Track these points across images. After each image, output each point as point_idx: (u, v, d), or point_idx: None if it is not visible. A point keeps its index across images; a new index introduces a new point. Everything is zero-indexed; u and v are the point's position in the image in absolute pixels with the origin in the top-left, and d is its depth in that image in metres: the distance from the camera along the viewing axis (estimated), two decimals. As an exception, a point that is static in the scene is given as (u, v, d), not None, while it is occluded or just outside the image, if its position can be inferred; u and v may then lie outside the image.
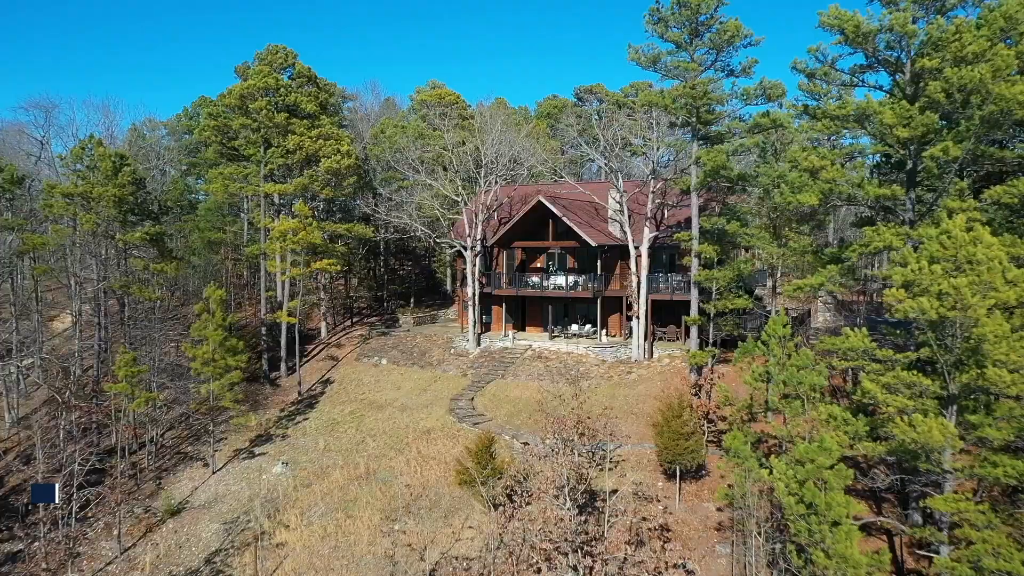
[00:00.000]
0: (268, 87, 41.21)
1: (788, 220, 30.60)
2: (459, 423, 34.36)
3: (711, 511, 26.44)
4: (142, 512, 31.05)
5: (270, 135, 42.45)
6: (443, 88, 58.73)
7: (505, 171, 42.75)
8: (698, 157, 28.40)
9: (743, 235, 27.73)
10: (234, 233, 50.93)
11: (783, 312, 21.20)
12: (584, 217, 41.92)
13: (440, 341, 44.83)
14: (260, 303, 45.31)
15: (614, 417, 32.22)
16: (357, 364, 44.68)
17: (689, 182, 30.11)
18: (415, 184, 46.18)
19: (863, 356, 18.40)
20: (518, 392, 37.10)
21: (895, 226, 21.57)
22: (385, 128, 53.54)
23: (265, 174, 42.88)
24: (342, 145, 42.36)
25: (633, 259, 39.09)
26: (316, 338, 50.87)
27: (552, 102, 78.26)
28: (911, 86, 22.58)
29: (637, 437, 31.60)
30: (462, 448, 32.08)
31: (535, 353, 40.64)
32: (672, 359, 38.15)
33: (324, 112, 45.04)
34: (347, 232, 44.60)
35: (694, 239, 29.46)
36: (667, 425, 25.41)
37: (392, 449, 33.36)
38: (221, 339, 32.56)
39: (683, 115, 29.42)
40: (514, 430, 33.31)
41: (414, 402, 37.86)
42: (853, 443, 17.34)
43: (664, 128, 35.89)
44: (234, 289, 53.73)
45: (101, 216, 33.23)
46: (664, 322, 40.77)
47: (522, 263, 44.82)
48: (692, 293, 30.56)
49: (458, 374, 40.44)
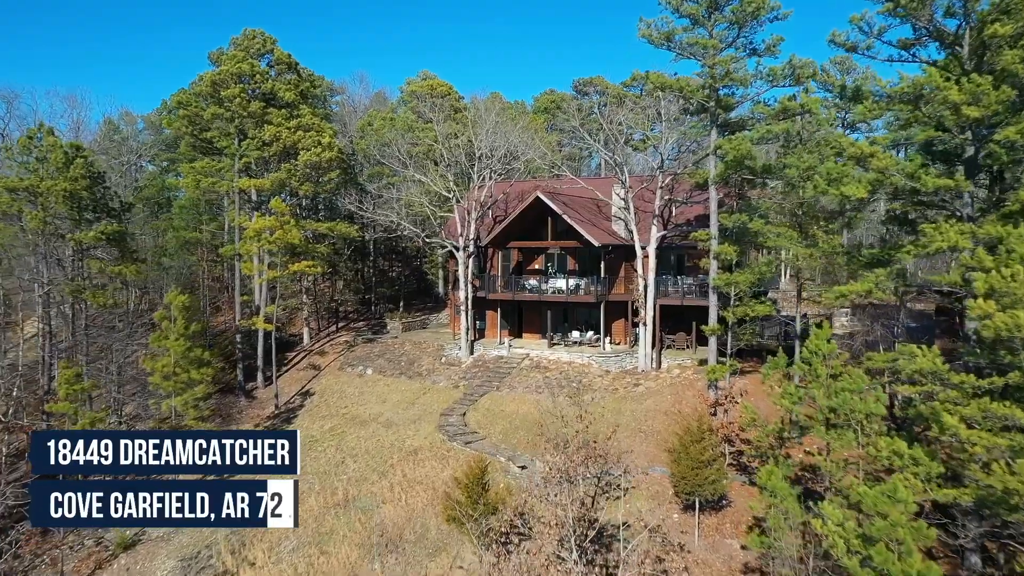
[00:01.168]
0: (242, 73, 37.83)
1: (815, 218, 27.40)
2: (449, 442, 31.08)
3: (735, 549, 23.18)
4: (92, 545, 27.70)
5: (245, 126, 39.11)
6: (435, 79, 55.42)
7: (500, 165, 39.46)
8: (718, 146, 25.20)
9: (768, 234, 24.53)
10: (211, 233, 47.54)
11: (825, 325, 17.98)
12: (586, 215, 38.65)
13: (430, 349, 41.52)
14: (236, 308, 41.92)
15: (621, 437, 29.07)
16: (340, 374, 41.35)
17: (706, 174, 26.89)
18: (404, 180, 42.90)
19: (933, 380, 15.21)
20: (514, 406, 33.82)
21: (958, 223, 18.33)
22: (372, 120, 50.25)
23: (240, 168, 39.52)
24: (323, 137, 39.02)
25: (639, 260, 35.87)
26: (298, 345, 47.55)
27: (550, 96, 74.96)
28: (972, 59, 19.36)
29: (647, 459, 28.34)
30: (452, 472, 28.80)
31: (533, 363, 37.37)
32: (682, 370, 34.92)
33: (305, 102, 41.68)
34: (330, 231, 41.25)
35: (712, 238, 26.27)
36: (684, 451, 22.17)
37: (375, 472, 30.04)
38: (184, 350, 29.23)
39: (700, 99, 26.18)
40: (510, 450, 30.04)
41: (400, 417, 34.56)
42: (926, 488, 14.14)
43: (674, 117, 32.68)
44: (211, 293, 50.34)
45: (50, 213, 29.86)
46: (673, 329, 37.55)
47: (519, 264, 41.52)
48: (710, 299, 27.35)
49: (449, 386, 37.15)
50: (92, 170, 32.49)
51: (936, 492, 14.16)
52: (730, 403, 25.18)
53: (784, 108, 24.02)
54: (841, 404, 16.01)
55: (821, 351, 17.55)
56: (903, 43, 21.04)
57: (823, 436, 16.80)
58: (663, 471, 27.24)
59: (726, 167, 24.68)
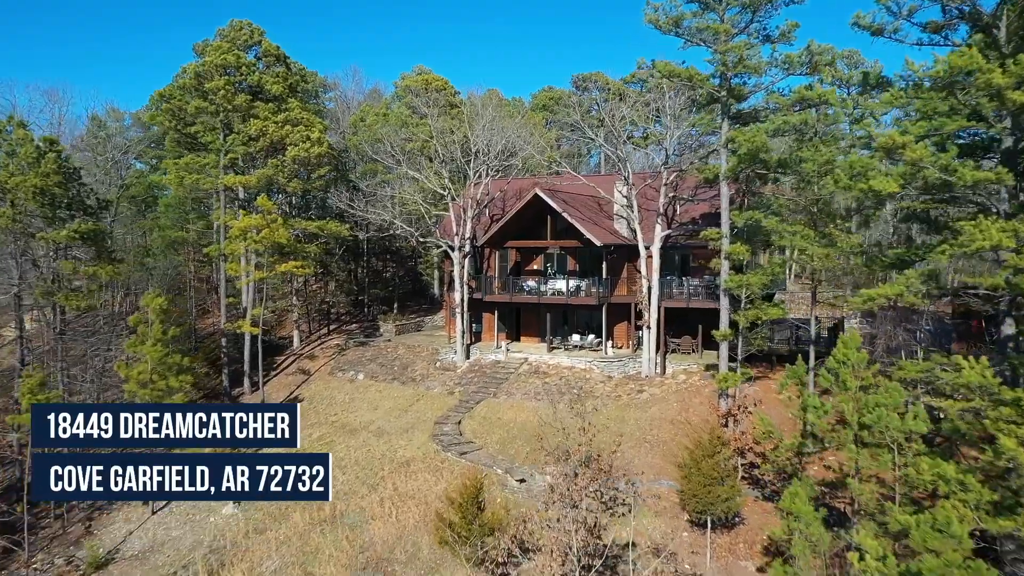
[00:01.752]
0: (227, 65, 36.13)
1: (830, 216, 25.80)
2: (443, 452, 29.42)
3: (750, 572, 21.56)
4: (63, 564, 26.00)
5: (231, 120, 37.42)
6: (430, 73, 53.75)
7: (497, 161, 37.82)
8: (730, 139, 23.55)
9: (784, 233, 22.89)
10: (198, 232, 45.80)
11: (852, 331, 16.33)
12: (587, 213, 37.02)
13: (424, 353, 39.85)
14: (221, 311, 40.23)
15: (625, 447, 27.45)
16: (331, 379, 39.66)
17: (716, 169, 25.24)
18: (397, 177, 41.23)
19: (982, 395, 13.61)
20: (512, 414, 32.17)
21: (998, 220, 16.73)
22: (365, 116, 48.54)
23: (226, 164, 37.81)
24: (312, 132, 37.32)
25: (643, 261, 34.26)
26: (287, 348, 45.84)
27: (548, 93, 73.41)
28: (1011, 42, 17.77)
29: (653, 471, 26.72)
30: (446, 485, 27.16)
31: (532, 368, 35.72)
32: (689, 375, 33.30)
33: (294, 95, 39.97)
34: (320, 231, 39.52)
35: (724, 237, 24.62)
36: (696, 467, 20.54)
37: (364, 484, 28.36)
38: (161, 356, 27.54)
39: (709, 89, 24.52)
40: (508, 462, 28.39)
41: (392, 425, 32.89)
42: (978, 517, 12.53)
43: (680, 109, 31.07)
44: (198, 294, 48.59)
45: (19, 210, 28.14)
46: (677, 332, 35.93)
47: (517, 265, 39.88)
48: (721, 302, 25.70)
49: (444, 392, 35.48)
50: (66, 166, 30.76)
51: (989, 523, 12.55)
52: (743, 413, 23.53)
53: (801, 97, 22.35)
54: (876, 421, 14.40)
55: (850, 360, 15.92)
56: (934, 25, 19.45)
57: (853, 455, 15.19)
58: (670, 484, 25.63)
59: (739, 161, 23.04)
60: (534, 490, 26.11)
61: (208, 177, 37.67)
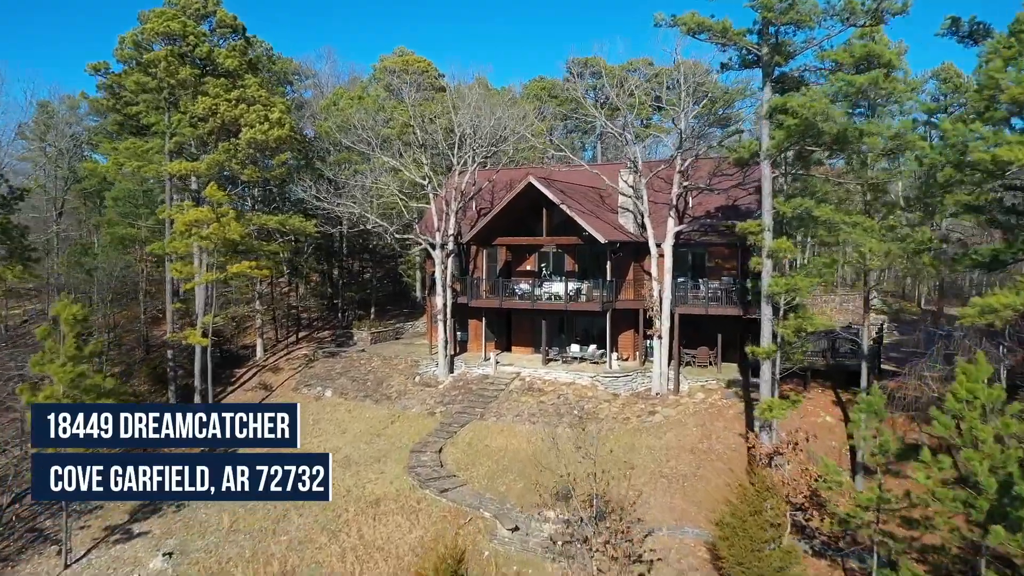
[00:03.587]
0: (171, 33, 31.11)
1: (890, 206, 21.23)
2: (420, 488, 24.63)
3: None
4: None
5: (179, 98, 32.41)
6: (411, 55, 48.88)
7: (485, 145, 33.05)
8: (774, 107, 18.87)
9: (841, 225, 18.28)
10: (149, 228, 40.65)
11: (980, 357, 11.72)
12: (588, 206, 32.32)
13: (402, 366, 34.98)
14: (168, 318, 35.24)
15: (638, 483, 22.77)
16: (295, 396, 34.69)
17: (753, 147, 20.58)
18: (372, 168, 36.37)
19: None
20: (503, 440, 27.42)
21: None
22: (338, 100, 43.60)
23: (172, 149, 32.80)
24: (272, 112, 32.36)
25: (654, 260, 29.65)
26: (250, 359, 40.85)
27: (540, 83, 68.54)
28: None
29: (674, 516, 22.03)
30: (421, 533, 22.40)
31: (525, 384, 30.96)
32: (707, 393, 28.68)
33: (253, 73, 35.01)
34: (281, 226, 34.55)
35: (766, 230, 19.93)
36: (740, 525, 15.88)
37: (324, 530, 23.51)
38: (75, 376, 22.55)
39: (746, 47, 19.85)
40: (497, 501, 23.63)
41: (363, 453, 28.04)
42: None
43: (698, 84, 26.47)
44: (151, 299, 43.46)
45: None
46: (692, 342, 31.28)
47: (507, 265, 35.10)
48: (763, 310, 20.99)
49: (423, 412, 30.65)
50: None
51: None
52: (792, 451, 18.81)
53: (868, 53, 17.62)
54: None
55: (978, 398, 11.25)
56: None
57: (1000, 539, 10.55)
58: (697, 534, 20.93)
59: (787, 135, 18.37)
60: (530, 542, 21.37)
61: (151, 164, 32.65)
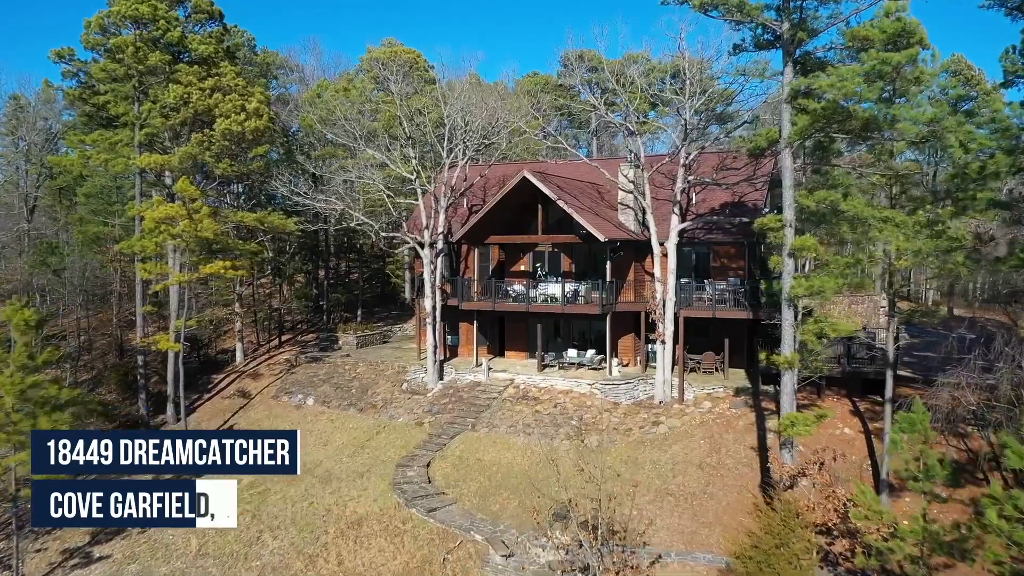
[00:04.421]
0: (140, 17, 29.03)
1: (919, 200, 19.44)
2: (406, 507, 22.69)
3: None
4: None
5: (148, 86, 30.34)
6: (400, 46, 46.92)
7: (476, 140, 31.13)
8: (796, 89, 17.03)
9: (871, 220, 16.46)
10: (123, 227, 38.54)
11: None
12: (586, 202, 30.44)
13: (389, 372, 32.98)
14: (137, 321, 33.15)
15: (642, 501, 20.93)
16: (274, 404, 32.69)
17: (772, 135, 18.68)
18: (357, 163, 34.38)
19: None
20: (495, 453, 25.52)
21: None
22: (323, 91, 41.58)
23: (142, 141, 30.72)
24: (249, 102, 30.33)
25: (656, 260, 27.80)
26: (229, 364, 38.76)
27: (533, 79, 66.68)
28: None
29: (682, 539, 20.19)
30: (407, 558, 20.46)
31: (519, 391, 29.04)
32: (714, 401, 26.83)
33: (231, 61, 32.97)
34: (259, 223, 32.49)
35: (787, 226, 18.05)
36: (765, 560, 14.02)
37: (300, 555, 21.55)
38: (24, 388, 20.50)
39: (763, 23, 18.03)
40: (490, 522, 21.72)
41: (345, 468, 26.08)
42: None
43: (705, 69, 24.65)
44: (124, 300, 41.33)
45: None
46: (697, 347, 29.46)
47: (500, 265, 33.17)
48: (784, 315, 19.13)
49: (411, 422, 28.71)
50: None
51: None
52: (818, 471, 16.97)
53: (902, 29, 15.72)
54: None
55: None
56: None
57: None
58: (709, 559, 19.09)
59: (812, 120, 16.50)
60: (526, 570, 19.46)
61: (120, 157, 30.55)
